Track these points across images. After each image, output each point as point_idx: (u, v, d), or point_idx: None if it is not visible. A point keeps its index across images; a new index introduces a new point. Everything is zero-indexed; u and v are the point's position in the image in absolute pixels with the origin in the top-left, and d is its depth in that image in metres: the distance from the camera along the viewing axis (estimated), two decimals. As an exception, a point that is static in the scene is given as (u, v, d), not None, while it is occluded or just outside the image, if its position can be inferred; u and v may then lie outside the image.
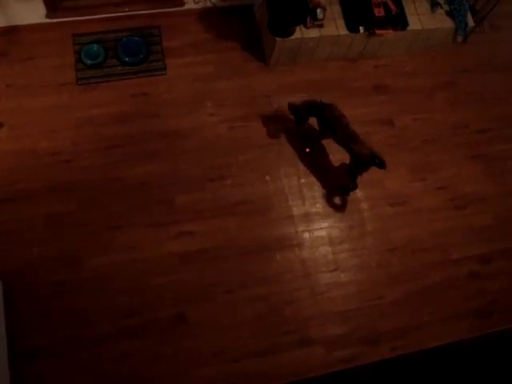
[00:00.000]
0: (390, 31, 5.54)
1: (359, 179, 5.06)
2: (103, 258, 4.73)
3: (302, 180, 5.27)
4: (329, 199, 5.25)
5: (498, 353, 5.04)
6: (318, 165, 5.36)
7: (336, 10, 5.52)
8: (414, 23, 5.65)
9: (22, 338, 4.41)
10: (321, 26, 5.39)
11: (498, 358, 5.00)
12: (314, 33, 5.37)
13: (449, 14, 5.77)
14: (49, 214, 4.80)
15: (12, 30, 5.37)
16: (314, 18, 5.32)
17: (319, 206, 5.21)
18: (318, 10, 5.31)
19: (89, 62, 5.34)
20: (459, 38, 5.90)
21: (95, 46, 5.41)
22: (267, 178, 5.22)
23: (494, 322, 5.10)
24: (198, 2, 5.68)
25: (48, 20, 5.40)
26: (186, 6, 5.70)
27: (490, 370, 4.91)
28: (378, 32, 5.49)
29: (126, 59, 5.41)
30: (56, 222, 4.79)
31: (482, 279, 5.24)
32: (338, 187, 5.28)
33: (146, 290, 4.69)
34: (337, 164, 5.35)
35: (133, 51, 5.43)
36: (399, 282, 5.05)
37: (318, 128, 5.24)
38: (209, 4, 5.75)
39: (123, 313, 4.60)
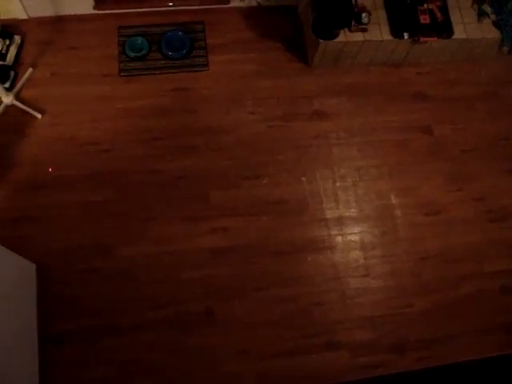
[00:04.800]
0: (435, 39, 5.49)
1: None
2: (135, 249, 4.78)
3: (338, 183, 5.25)
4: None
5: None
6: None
7: (381, 15, 5.49)
8: (459, 32, 5.57)
9: (50, 323, 4.49)
10: (365, 30, 5.36)
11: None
12: (357, 37, 5.35)
13: (496, 24, 5.69)
14: (85, 201, 4.87)
15: (59, 20, 5.47)
16: (359, 22, 5.31)
17: (353, 210, 5.18)
18: (363, 15, 5.30)
19: (132, 54, 5.40)
20: (505, 50, 5.80)
21: (139, 38, 5.46)
22: (303, 179, 5.21)
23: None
24: (243, 1, 5.71)
25: (95, 11, 5.49)
26: (232, 4, 5.74)
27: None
28: (422, 39, 5.43)
29: (169, 53, 5.45)
30: (91, 210, 4.86)
31: (515, 294, 5.18)
32: None
33: (175, 283, 4.72)
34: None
35: (176, 46, 5.47)
36: (430, 292, 5.00)
37: None
38: (254, 3, 5.78)
39: (151, 304, 4.64)
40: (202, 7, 5.72)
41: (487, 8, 5.70)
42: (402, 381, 4.76)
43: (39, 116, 5.07)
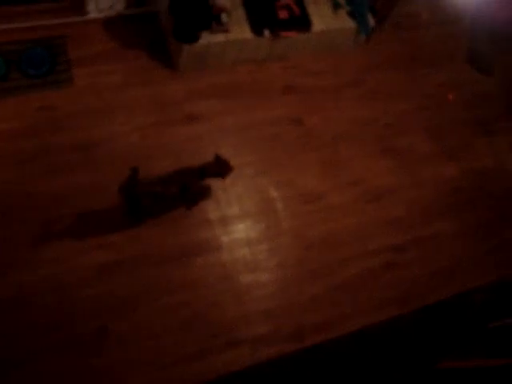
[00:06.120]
0: (295, 33, 5.66)
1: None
2: (24, 274, 4.56)
3: (217, 183, 5.30)
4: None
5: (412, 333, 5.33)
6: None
7: (241, 14, 5.59)
8: (317, 24, 5.79)
9: None
10: (226, 30, 5.44)
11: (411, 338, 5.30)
12: (219, 37, 5.41)
13: (350, 14, 5.96)
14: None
15: None
16: (219, 22, 5.37)
17: (235, 208, 5.26)
18: (223, 15, 5.36)
19: (-11, 76, 5.17)
20: (362, 38, 6.09)
21: (-4, 59, 5.25)
22: (182, 183, 5.21)
23: (413, 308, 5.31)
24: (102, 11, 5.62)
25: None
26: (91, 16, 5.61)
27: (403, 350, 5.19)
28: (282, 34, 5.59)
29: (30, 72, 5.26)
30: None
31: (399, 268, 5.45)
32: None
33: (67, 304, 4.56)
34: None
35: (36, 63, 5.28)
36: (318, 278, 5.17)
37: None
38: (113, 12, 5.69)
39: (45, 329, 4.43)
40: (61, 21, 5.55)
41: (341, -1, 5.96)
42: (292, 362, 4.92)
43: None
